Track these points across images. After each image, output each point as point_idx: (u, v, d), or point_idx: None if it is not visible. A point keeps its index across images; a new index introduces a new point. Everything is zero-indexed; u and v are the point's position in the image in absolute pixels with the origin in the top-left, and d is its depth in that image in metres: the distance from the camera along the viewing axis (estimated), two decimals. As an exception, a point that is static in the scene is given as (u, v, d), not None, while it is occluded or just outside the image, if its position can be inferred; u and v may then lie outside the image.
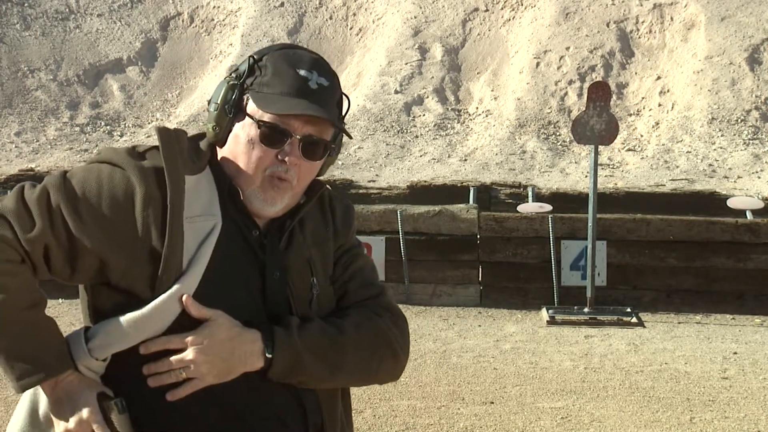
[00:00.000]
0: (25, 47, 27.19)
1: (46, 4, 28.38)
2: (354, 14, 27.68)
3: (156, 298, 2.08)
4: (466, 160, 21.85)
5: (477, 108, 24.37)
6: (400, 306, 9.40)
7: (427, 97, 24.62)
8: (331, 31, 27.33)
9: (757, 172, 20.67)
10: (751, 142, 21.90)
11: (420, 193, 17.32)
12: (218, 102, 2.20)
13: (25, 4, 28.27)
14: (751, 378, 8.83)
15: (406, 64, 25.53)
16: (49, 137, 24.34)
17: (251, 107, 2.18)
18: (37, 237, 2.07)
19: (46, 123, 25.01)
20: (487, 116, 23.93)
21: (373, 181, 19.86)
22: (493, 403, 7.87)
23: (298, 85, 2.16)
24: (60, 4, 28.48)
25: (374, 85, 24.97)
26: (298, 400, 2.21)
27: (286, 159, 2.16)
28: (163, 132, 2.14)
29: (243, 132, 2.18)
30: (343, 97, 2.30)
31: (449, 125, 23.72)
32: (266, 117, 2.16)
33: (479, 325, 11.05)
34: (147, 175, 2.10)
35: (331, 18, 27.64)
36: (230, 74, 2.23)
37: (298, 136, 2.16)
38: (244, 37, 26.88)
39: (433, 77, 25.16)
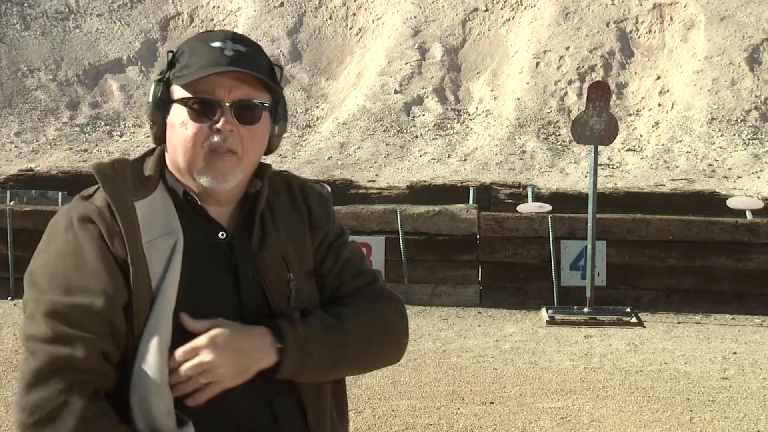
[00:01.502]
0: (24, 47, 27.20)
1: (45, 4, 28.39)
2: (354, 14, 27.69)
3: (134, 328, 2.06)
4: (465, 160, 21.86)
5: (477, 108, 24.38)
6: (400, 306, 9.13)
7: (427, 97, 24.63)
8: (330, 31, 27.33)
9: (756, 172, 20.68)
10: (750, 142, 21.92)
11: (420, 193, 17.33)
12: (149, 101, 2.18)
13: (25, 4, 28.27)
14: (751, 378, 8.83)
15: (406, 64, 25.54)
16: (48, 137, 24.35)
17: (177, 93, 2.15)
18: (92, 351, 2.03)
19: (45, 123, 25.02)
20: (486, 116, 23.94)
21: (373, 181, 19.86)
22: (492, 403, 7.87)
23: (214, 56, 2.12)
24: (60, 4, 28.49)
25: (374, 85, 24.98)
26: (271, 408, 2.19)
27: (221, 127, 2.10)
28: (99, 169, 2.11)
29: (176, 118, 2.14)
30: (274, 66, 2.22)
31: (449, 125, 23.73)
32: (190, 93, 2.12)
33: (479, 325, 11.05)
34: (101, 215, 2.07)
35: (330, 18, 27.65)
36: (156, 74, 2.23)
37: (227, 103, 2.11)
38: (243, 37, 26.89)
39: (432, 77, 25.17)
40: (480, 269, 12.22)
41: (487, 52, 26.00)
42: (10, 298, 11.94)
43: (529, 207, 13.86)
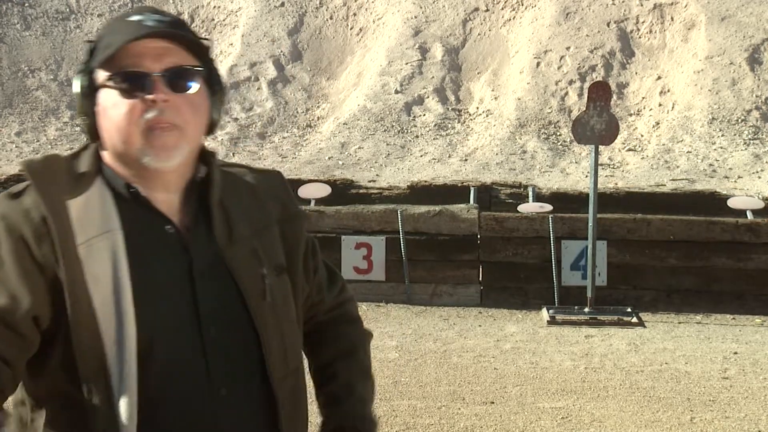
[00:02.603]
0: (25, 47, 27.20)
1: (46, 4, 28.39)
2: (354, 14, 27.68)
3: (72, 345, 1.91)
4: (466, 160, 21.85)
5: (477, 108, 24.37)
6: (401, 306, 9.35)
7: (428, 97, 24.62)
8: (331, 31, 27.33)
9: (757, 172, 20.66)
10: (751, 142, 21.90)
11: (420, 193, 17.32)
12: (76, 92, 2.04)
13: (26, 4, 28.28)
14: (752, 378, 8.83)
15: (407, 64, 25.54)
16: (49, 137, 24.35)
17: (101, 76, 1.99)
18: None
19: (46, 123, 25.02)
20: (487, 116, 23.93)
21: (374, 181, 19.86)
22: (493, 403, 7.87)
23: (133, 28, 1.97)
24: (60, 4, 28.50)
25: (374, 85, 24.97)
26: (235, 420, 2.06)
27: (154, 97, 1.94)
28: (29, 165, 1.98)
29: (106, 102, 1.98)
30: (199, 38, 2.07)
31: (450, 125, 23.72)
32: (115, 70, 1.97)
33: (480, 325, 11.05)
34: (27, 216, 1.92)
35: (331, 18, 27.65)
36: (79, 65, 2.07)
37: (157, 73, 1.95)
38: (244, 37, 26.89)
39: (433, 77, 25.16)
40: (481, 269, 12.22)
41: (487, 52, 26.01)
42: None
43: (529, 207, 13.86)
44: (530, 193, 16.74)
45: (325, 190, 14.13)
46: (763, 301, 12.02)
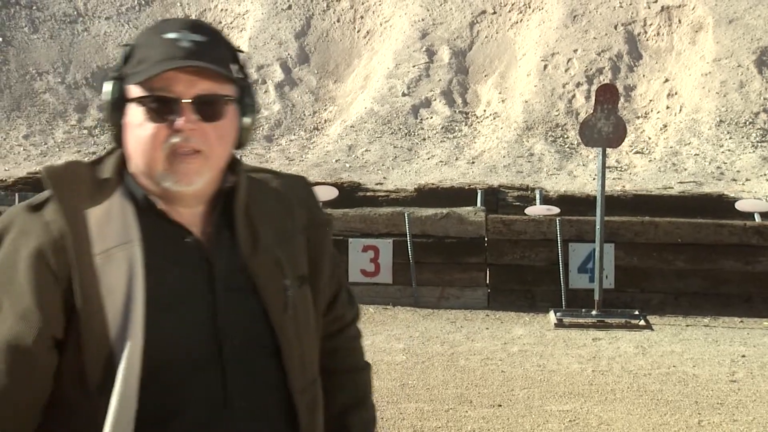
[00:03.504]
0: (33, 50, 27.26)
1: (54, 7, 28.45)
2: (361, 17, 27.70)
3: (84, 357, 1.90)
4: (473, 162, 21.85)
5: (484, 110, 24.37)
6: (408, 309, 9.33)
7: (435, 99, 24.62)
8: (338, 33, 27.35)
9: (765, 174, 20.63)
10: (759, 144, 21.87)
11: (427, 195, 17.32)
12: (106, 100, 2.00)
13: (33, 7, 28.34)
14: (760, 381, 8.81)
15: (414, 66, 25.55)
16: (57, 140, 24.40)
17: (132, 92, 1.95)
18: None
19: (54, 126, 25.07)
20: (494, 119, 23.93)
21: (381, 183, 19.87)
22: (500, 406, 7.86)
23: (168, 49, 1.93)
24: (68, 7, 28.55)
25: (382, 87, 24.99)
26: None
27: (180, 126, 1.91)
28: (49, 171, 1.94)
29: (133, 118, 1.95)
30: (237, 53, 2.05)
31: (457, 128, 23.73)
32: (146, 91, 1.93)
33: (487, 328, 11.04)
34: (48, 228, 1.91)
35: (338, 21, 27.67)
36: (112, 71, 2.04)
37: (187, 100, 1.92)
38: (251, 40, 26.92)
39: (440, 80, 25.17)
40: (488, 272, 12.22)
41: (494, 54, 26.00)
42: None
43: (537, 209, 13.85)
44: (537, 196, 16.72)
45: (332, 193, 14.12)
46: (771, 304, 12.00)
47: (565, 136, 22.92)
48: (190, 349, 1.96)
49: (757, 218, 13.80)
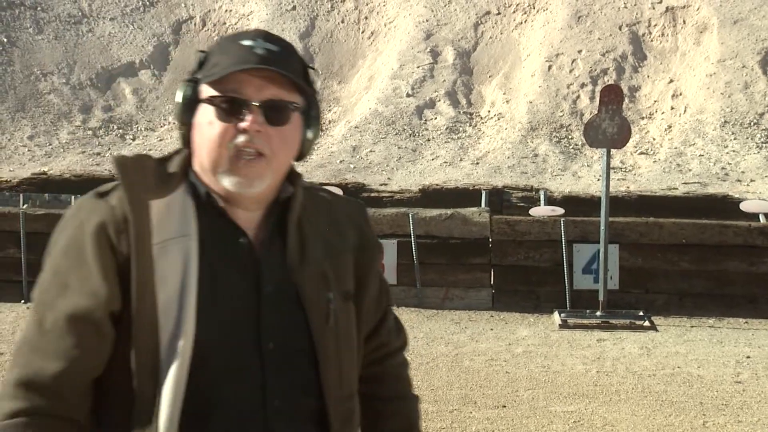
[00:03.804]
0: (37, 51, 27.28)
1: (58, 7, 28.48)
2: (366, 18, 27.71)
3: (131, 340, 1.98)
4: (478, 163, 21.85)
5: (489, 111, 24.37)
6: (412, 310, 9.33)
7: (439, 100, 24.63)
8: (343, 34, 27.36)
9: (770, 175, 20.61)
10: (763, 145, 21.85)
11: (432, 196, 17.32)
12: (178, 101, 2.10)
13: (38, 8, 28.37)
14: (765, 382, 8.80)
15: (418, 67, 25.55)
16: (61, 141, 24.42)
17: (204, 92, 2.06)
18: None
19: (58, 126, 25.09)
20: (499, 119, 23.93)
21: (385, 184, 19.87)
22: (505, 406, 7.86)
23: (243, 54, 2.04)
24: (73, 7, 28.58)
25: (386, 88, 24.99)
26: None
27: (247, 126, 2.01)
28: (120, 160, 2.05)
29: (202, 118, 2.05)
30: (308, 68, 2.13)
31: (461, 128, 23.72)
32: (218, 92, 2.04)
33: (491, 329, 11.03)
34: (112, 212, 2.00)
35: (343, 21, 27.68)
36: (186, 75, 2.14)
37: (256, 103, 2.02)
38: (256, 40, 26.93)
39: (445, 80, 25.17)
40: (492, 272, 12.22)
41: (499, 55, 26.00)
42: (23, 301, 11.97)
43: (541, 210, 13.85)
44: (542, 197, 16.72)
45: (337, 193, 14.14)
46: (775, 305, 11.99)
47: (570, 137, 22.91)
48: (234, 346, 2.03)
49: (762, 219, 13.79)
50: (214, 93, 2.04)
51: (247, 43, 2.05)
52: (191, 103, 2.08)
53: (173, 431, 1.97)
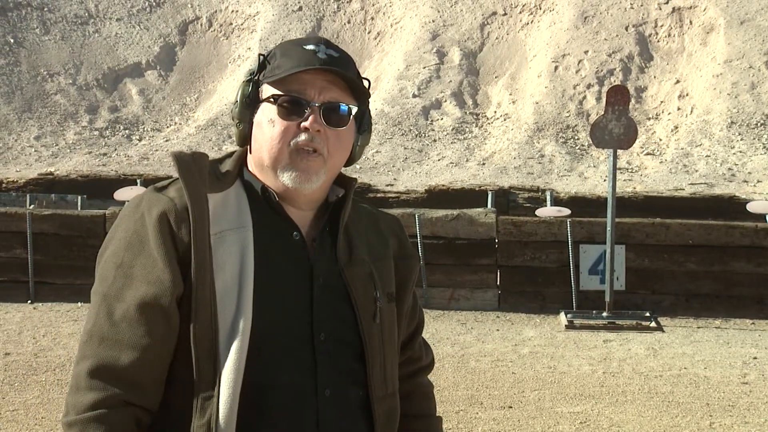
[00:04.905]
0: (44, 51, 27.33)
1: (65, 8, 28.53)
2: (372, 18, 27.72)
3: (191, 325, 2.05)
4: (484, 164, 21.84)
5: (495, 112, 24.37)
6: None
7: (445, 101, 24.63)
8: (349, 35, 27.37)
9: (776, 176, 20.58)
10: (770, 146, 21.82)
11: (438, 197, 17.32)
12: (238, 99, 2.20)
13: (45, 9, 28.41)
14: (771, 383, 8.78)
15: (424, 68, 25.56)
16: (68, 141, 24.46)
17: (266, 91, 2.16)
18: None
19: (65, 127, 25.13)
20: (505, 120, 23.92)
21: (391, 185, 19.87)
22: (511, 407, 7.85)
23: (307, 57, 2.14)
24: (79, 8, 28.62)
25: (392, 89, 25.00)
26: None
27: (308, 125, 2.12)
28: (178, 156, 2.13)
29: (263, 116, 2.16)
30: (362, 77, 2.23)
31: (467, 129, 23.72)
32: (281, 91, 2.14)
33: (497, 330, 11.03)
34: (172, 204, 2.09)
35: (349, 22, 27.69)
36: (247, 74, 2.25)
37: (317, 104, 2.13)
38: (262, 41, 26.95)
39: (451, 81, 25.17)
40: (498, 273, 12.21)
41: (505, 56, 25.99)
42: (29, 301, 11.98)
43: (547, 211, 13.83)
44: (548, 197, 16.71)
45: (342, 194, 14.14)
46: (782, 306, 11.97)
47: (576, 138, 22.90)
48: (288, 334, 2.12)
49: (769, 220, 13.75)
50: (277, 92, 2.14)
51: (310, 47, 2.16)
52: (251, 102, 2.17)
53: (232, 415, 2.04)
